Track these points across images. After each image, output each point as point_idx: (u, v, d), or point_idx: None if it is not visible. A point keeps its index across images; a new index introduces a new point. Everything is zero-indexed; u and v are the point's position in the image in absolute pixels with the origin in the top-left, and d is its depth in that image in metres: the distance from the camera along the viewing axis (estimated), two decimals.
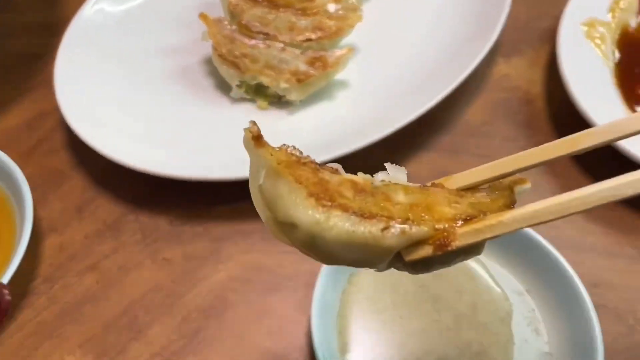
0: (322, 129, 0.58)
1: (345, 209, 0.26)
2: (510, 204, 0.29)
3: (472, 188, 0.30)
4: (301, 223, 0.27)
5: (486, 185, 0.30)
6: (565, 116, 0.61)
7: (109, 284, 0.51)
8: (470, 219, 0.27)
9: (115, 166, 0.55)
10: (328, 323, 0.45)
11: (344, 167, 0.30)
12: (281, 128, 0.59)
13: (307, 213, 0.26)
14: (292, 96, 0.59)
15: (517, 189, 0.30)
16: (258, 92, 0.60)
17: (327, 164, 0.29)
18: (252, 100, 0.61)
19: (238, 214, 0.55)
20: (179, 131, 0.59)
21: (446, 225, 0.27)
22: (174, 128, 0.59)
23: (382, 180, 0.28)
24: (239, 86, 0.60)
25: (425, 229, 0.26)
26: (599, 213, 0.55)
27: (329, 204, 0.26)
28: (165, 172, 0.53)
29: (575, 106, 0.57)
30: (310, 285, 0.51)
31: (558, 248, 0.48)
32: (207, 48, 0.63)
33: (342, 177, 0.28)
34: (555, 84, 0.60)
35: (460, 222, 0.27)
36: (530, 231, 0.47)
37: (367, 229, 0.26)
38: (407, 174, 0.30)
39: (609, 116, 0.55)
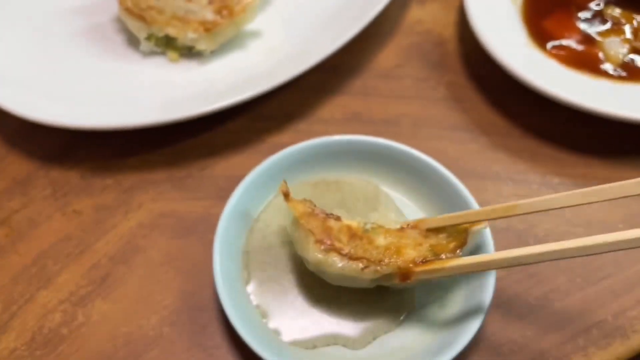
0: (234, 77, 0.58)
1: (339, 252, 0.40)
2: (461, 245, 0.41)
3: (439, 229, 0.43)
4: (309, 260, 0.41)
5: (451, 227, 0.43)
6: (475, 55, 0.62)
7: (18, 237, 0.51)
8: (426, 262, 0.40)
9: (25, 123, 0.55)
10: (232, 257, 0.45)
11: (260, 113, 0.58)
12: (195, 79, 0.59)
13: (314, 254, 0.40)
14: (202, 46, 0.59)
15: (472, 230, 0.42)
16: (168, 45, 0.60)
17: (332, 214, 0.43)
18: (162, 53, 0.61)
19: (148, 164, 0.56)
20: (88, 86, 0.58)
21: (409, 265, 0.40)
22: (83, 83, 0.59)
23: (372, 224, 0.43)
24: (147, 39, 0.60)
25: (391, 269, 0.40)
26: (505, 143, 0.57)
27: (329, 247, 0.40)
28: (75, 124, 0.53)
29: (482, 45, 0.58)
30: None
31: (463, 177, 0.50)
32: (117, 6, 0.62)
33: (342, 224, 0.42)
34: (467, 26, 0.61)
35: (419, 261, 0.40)
36: (433, 162, 0.49)
37: (352, 267, 0.40)
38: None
39: (515, 53, 0.57)
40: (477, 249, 0.44)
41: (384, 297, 0.44)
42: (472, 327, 0.41)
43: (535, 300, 0.47)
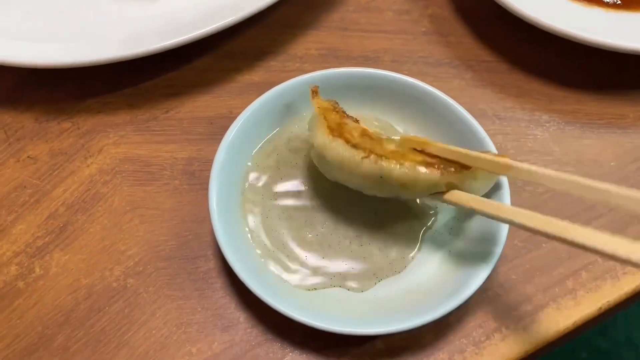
0: (199, 10, 0.54)
1: (347, 140, 0.39)
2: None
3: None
4: (316, 144, 0.40)
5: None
6: None
7: None
8: (428, 165, 0.38)
9: None
10: (229, 197, 0.43)
11: (229, 51, 0.55)
12: (156, 12, 0.54)
13: (322, 137, 0.40)
14: None
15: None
16: None
17: (351, 116, 0.43)
18: None
19: (108, 106, 0.51)
20: (40, 21, 0.53)
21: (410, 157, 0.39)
22: (34, 18, 0.53)
23: (388, 137, 0.42)
24: None
25: (391, 164, 0.38)
26: (491, 78, 0.53)
27: (338, 135, 0.39)
28: (26, 61, 0.48)
29: None
30: (188, 173, 0.48)
31: None
32: None
33: (359, 125, 0.41)
34: None
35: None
36: (447, 98, 0.46)
37: (352, 154, 0.38)
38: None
39: None
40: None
41: (389, 236, 0.43)
42: (480, 277, 0.38)
43: (521, 242, 0.45)
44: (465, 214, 0.43)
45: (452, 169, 0.38)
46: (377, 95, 0.47)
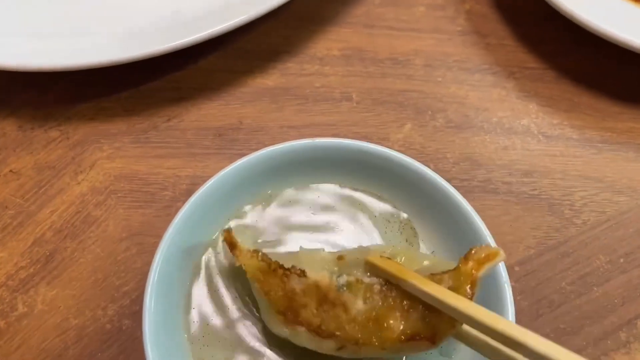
0: (207, 2, 0.47)
1: (308, 325, 0.31)
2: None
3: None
4: (277, 333, 0.32)
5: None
6: None
7: None
8: (411, 339, 0.29)
9: None
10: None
11: (240, 49, 0.46)
12: (159, 4, 0.48)
13: (279, 329, 0.31)
14: None
15: (483, 270, 0.30)
16: None
17: (293, 267, 0.32)
18: None
19: (102, 112, 0.45)
20: (28, 15, 0.47)
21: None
22: (21, 11, 0.47)
23: (348, 276, 0.32)
24: None
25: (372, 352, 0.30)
26: (536, 89, 0.47)
27: (295, 321, 0.31)
28: (10, 64, 0.42)
29: None
30: (192, 194, 0.42)
31: (487, 131, 0.40)
32: None
33: (308, 282, 0.31)
34: None
35: (407, 338, 0.29)
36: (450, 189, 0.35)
37: (326, 346, 0.31)
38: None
39: None
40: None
41: None
42: None
43: (569, 286, 0.39)
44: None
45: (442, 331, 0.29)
46: (377, 172, 0.37)
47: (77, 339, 0.37)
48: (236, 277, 0.35)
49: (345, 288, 0.31)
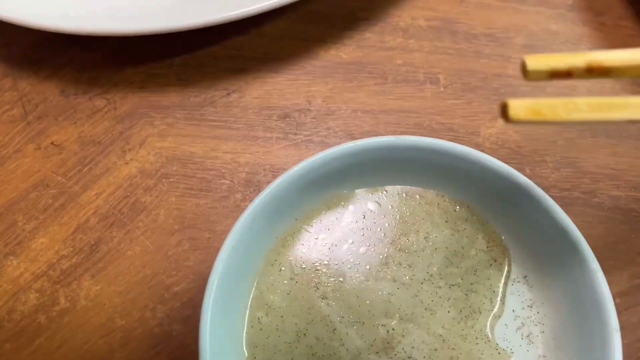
0: None
1: None
2: None
3: None
4: None
5: None
6: None
7: None
8: None
9: None
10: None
11: (311, 11, 0.39)
12: None
13: None
14: None
15: None
16: None
17: None
18: None
19: (154, 80, 0.40)
20: None
21: None
22: None
23: None
24: None
25: None
26: None
27: None
28: (53, 25, 0.37)
29: None
30: (252, 185, 0.37)
31: (596, 133, 0.34)
32: None
33: None
34: None
35: None
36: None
37: None
38: None
39: None
40: None
41: None
42: None
43: None
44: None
45: None
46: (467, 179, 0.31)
47: (123, 342, 0.34)
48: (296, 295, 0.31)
49: None
